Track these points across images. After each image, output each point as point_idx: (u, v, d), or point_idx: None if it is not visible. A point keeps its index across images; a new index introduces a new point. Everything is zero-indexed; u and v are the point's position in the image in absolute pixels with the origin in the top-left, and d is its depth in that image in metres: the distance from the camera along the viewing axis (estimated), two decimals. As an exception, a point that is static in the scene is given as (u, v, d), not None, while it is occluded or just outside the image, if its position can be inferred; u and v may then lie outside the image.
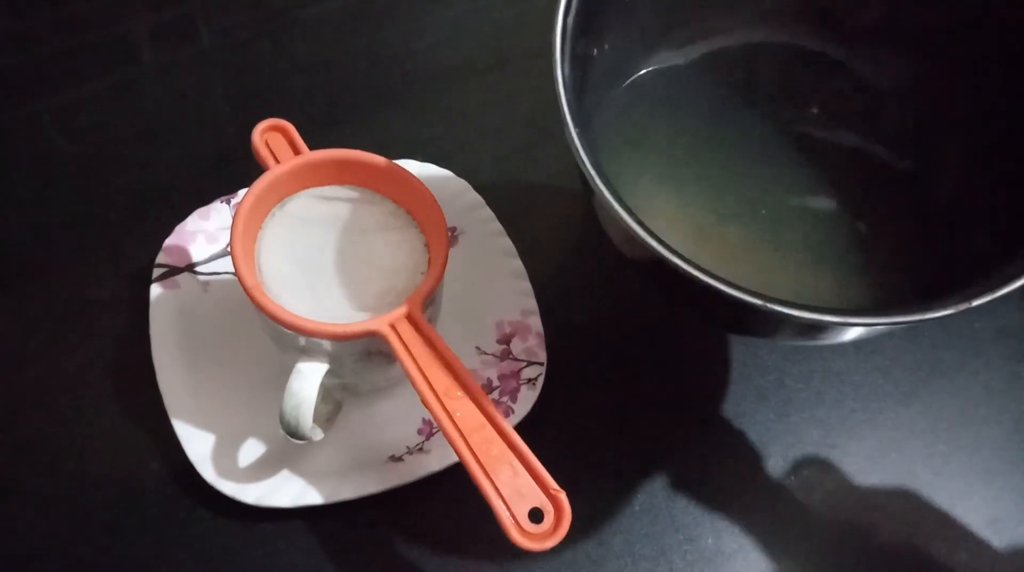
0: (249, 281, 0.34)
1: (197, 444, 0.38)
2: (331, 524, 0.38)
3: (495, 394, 0.41)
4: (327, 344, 0.35)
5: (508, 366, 0.42)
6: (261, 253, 0.36)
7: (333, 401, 0.39)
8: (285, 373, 0.39)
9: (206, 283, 0.43)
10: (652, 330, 0.45)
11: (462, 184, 0.47)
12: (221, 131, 0.52)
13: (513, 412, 0.40)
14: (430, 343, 0.33)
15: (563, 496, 0.31)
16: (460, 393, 0.32)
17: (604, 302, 0.46)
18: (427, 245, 0.38)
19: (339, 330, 0.33)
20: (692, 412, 0.43)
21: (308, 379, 0.35)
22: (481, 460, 0.31)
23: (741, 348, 0.45)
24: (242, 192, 0.45)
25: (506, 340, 0.43)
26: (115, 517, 0.38)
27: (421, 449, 0.40)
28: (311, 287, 0.36)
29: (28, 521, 0.38)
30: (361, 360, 0.37)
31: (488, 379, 0.42)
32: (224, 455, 0.38)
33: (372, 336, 0.33)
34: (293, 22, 0.57)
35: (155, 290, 0.42)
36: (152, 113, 0.53)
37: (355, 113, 0.52)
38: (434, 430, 0.40)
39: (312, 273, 0.36)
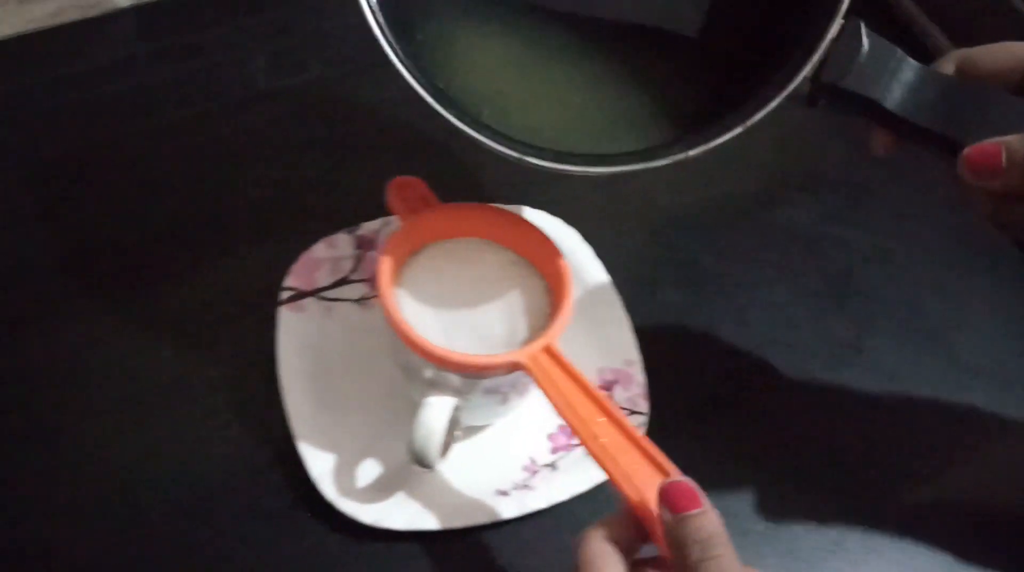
0: (400, 320, 0.36)
1: (319, 462, 0.40)
2: (438, 550, 0.40)
3: (597, 438, 0.43)
4: (455, 379, 0.38)
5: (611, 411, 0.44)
6: (399, 296, 0.39)
7: (451, 434, 0.41)
8: (406, 401, 0.41)
9: (329, 308, 0.46)
10: (753, 382, 0.47)
11: (572, 232, 0.49)
12: (330, 160, 0.55)
13: (615, 457, 0.42)
14: (569, 373, 0.35)
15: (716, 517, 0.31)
16: (602, 418, 0.34)
17: (705, 355, 0.47)
18: (548, 289, 0.40)
19: (485, 361, 0.36)
20: (793, 465, 0.44)
21: (438, 411, 0.37)
22: (635, 482, 0.31)
23: (854, 405, 0.46)
24: (366, 225, 0.48)
25: (607, 386, 0.45)
26: (236, 525, 0.40)
27: (527, 486, 0.41)
28: (444, 328, 0.38)
29: (152, 523, 0.40)
30: (481, 397, 0.39)
31: (590, 423, 0.44)
32: (344, 475, 0.40)
33: (515, 368, 0.36)
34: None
35: (282, 312, 0.44)
36: (266, 136, 0.56)
37: (454, 154, 0.54)
38: (538, 467, 0.42)
39: (444, 315, 0.39)
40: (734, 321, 0.49)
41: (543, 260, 0.40)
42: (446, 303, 0.39)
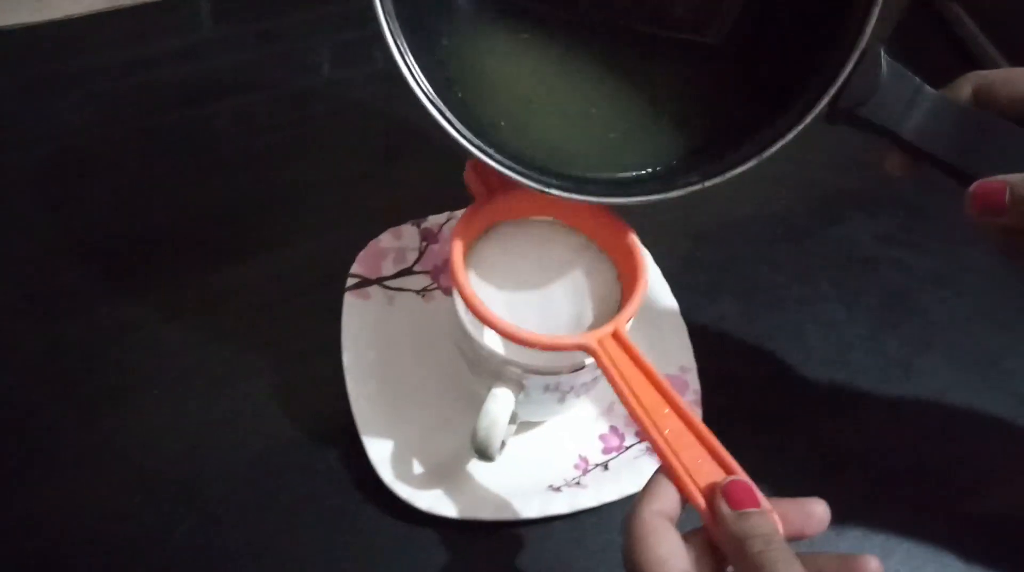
0: (473, 297, 0.36)
1: (378, 447, 0.41)
2: (489, 540, 0.41)
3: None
4: (519, 373, 0.38)
5: (662, 417, 0.44)
6: (471, 270, 0.39)
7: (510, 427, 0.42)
8: (465, 392, 0.42)
9: (392, 297, 0.47)
10: (803, 396, 0.47)
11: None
12: (392, 153, 0.56)
13: (666, 461, 0.43)
14: (636, 361, 0.34)
15: (776, 518, 0.30)
16: (667, 410, 0.32)
17: (757, 366, 0.48)
18: (618, 276, 0.40)
19: (553, 341, 0.35)
20: (840, 480, 0.45)
21: (502, 403, 0.37)
22: (693, 475, 0.31)
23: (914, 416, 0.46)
24: (432, 218, 0.49)
25: (661, 392, 0.45)
26: (293, 500, 0.41)
27: (578, 484, 0.42)
28: (510, 309, 0.39)
29: (211, 500, 0.41)
30: (541, 393, 0.40)
31: (642, 426, 0.44)
32: (402, 461, 0.41)
33: (581, 350, 0.35)
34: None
35: (348, 298, 0.46)
36: (329, 126, 0.57)
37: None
38: (590, 466, 0.43)
39: (510, 296, 0.39)
40: (788, 335, 0.49)
41: (614, 244, 0.40)
42: (513, 284, 0.39)
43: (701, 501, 0.30)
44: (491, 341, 0.40)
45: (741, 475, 0.31)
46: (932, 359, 0.49)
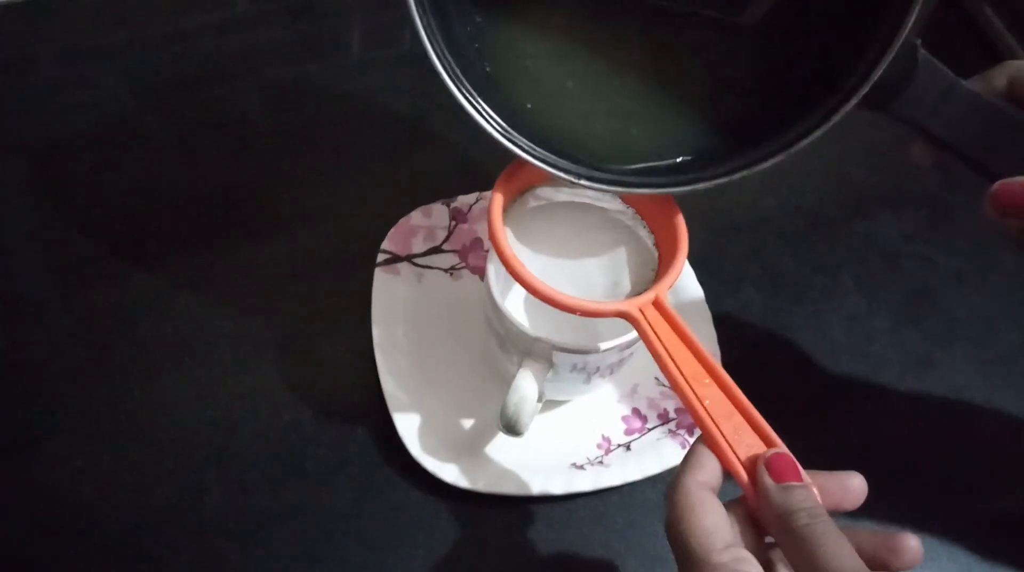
0: (513, 259, 0.35)
1: (406, 419, 0.42)
2: (513, 514, 0.42)
3: (671, 425, 0.44)
4: (549, 350, 0.39)
5: (685, 401, 0.45)
6: (507, 230, 0.37)
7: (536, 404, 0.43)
8: (492, 369, 0.43)
9: (421, 274, 0.47)
10: (825, 388, 0.48)
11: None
12: (420, 135, 0.57)
13: (688, 445, 0.43)
14: (678, 329, 0.33)
15: (816, 492, 0.29)
16: (708, 380, 0.32)
17: (780, 357, 0.48)
18: (656, 244, 0.39)
19: (593, 306, 0.34)
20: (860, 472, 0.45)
21: (532, 380, 0.38)
22: (734, 447, 0.30)
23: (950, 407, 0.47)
24: (461, 198, 0.49)
25: (685, 377, 0.46)
26: (321, 470, 0.42)
27: (601, 462, 0.43)
28: (546, 274, 0.37)
29: (242, 467, 0.42)
30: (568, 372, 0.40)
31: (664, 409, 0.45)
32: (429, 434, 0.42)
33: (622, 317, 0.34)
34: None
35: (379, 273, 0.46)
36: (360, 104, 0.58)
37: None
38: (612, 447, 0.44)
39: (544, 262, 0.38)
40: (811, 327, 0.50)
41: (652, 210, 0.39)
42: (549, 248, 0.38)
43: (743, 473, 0.29)
44: (521, 317, 0.40)
45: (783, 448, 0.30)
46: (953, 355, 0.50)
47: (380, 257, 0.47)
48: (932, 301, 0.52)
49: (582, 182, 0.35)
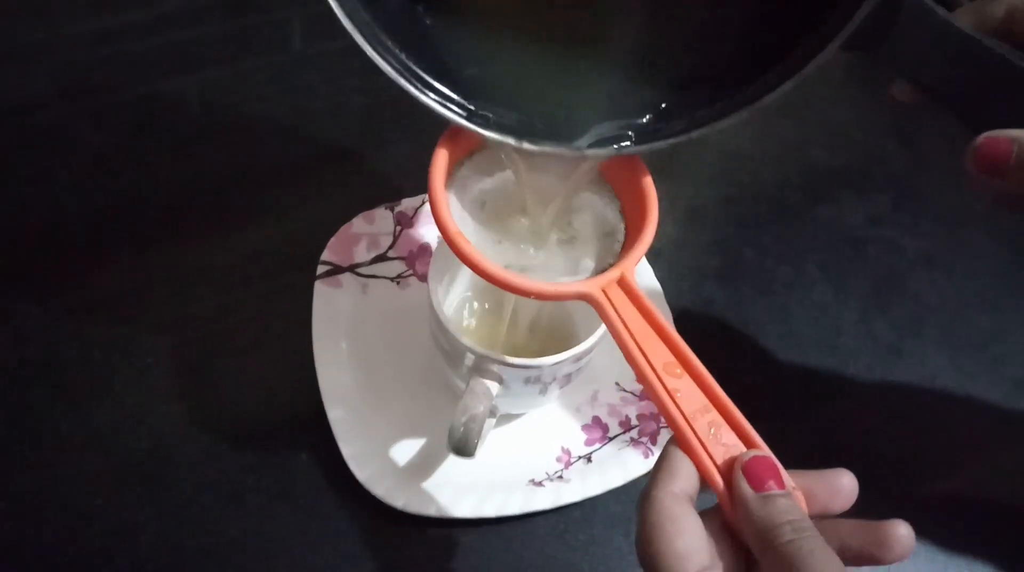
0: (451, 227, 0.30)
1: (352, 444, 0.40)
2: (469, 537, 0.39)
3: (634, 433, 0.42)
4: (496, 366, 0.36)
5: (648, 407, 0.43)
6: (451, 197, 0.33)
7: (489, 421, 0.41)
8: (443, 386, 0.41)
9: (365, 285, 0.45)
10: (792, 381, 0.46)
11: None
12: (368, 132, 0.54)
13: (652, 454, 0.41)
14: (645, 313, 0.29)
15: (801, 497, 0.26)
16: (680, 370, 0.28)
17: (745, 352, 0.47)
18: (622, 210, 0.35)
19: (551, 289, 0.30)
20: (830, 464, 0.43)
21: (481, 398, 0.36)
22: (708, 448, 0.27)
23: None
24: (406, 201, 0.47)
25: (646, 380, 0.44)
26: (263, 500, 0.40)
27: (561, 477, 0.41)
28: (498, 249, 0.34)
29: (179, 497, 0.39)
30: (521, 386, 0.38)
31: (626, 416, 0.43)
32: (376, 457, 0.40)
33: (582, 298, 0.30)
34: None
35: (319, 286, 0.44)
36: (302, 100, 0.55)
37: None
38: (572, 459, 0.42)
39: (497, 236, 0.34)
40: (775, 319, 0.48)
41: (618, 174, 0.34)
42: (501, 218, 0.34)
43: (719, 480, 0.26)
44: (467, 336, 0.37)
45: (763, 448, 0.27)
46: (923, 343, 0.48)
47: (320, 269, 0.44)
48: (901, 288, 0.50)
49: (524, 145, 0.31)
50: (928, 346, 0.48)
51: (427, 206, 0.47)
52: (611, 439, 0.42)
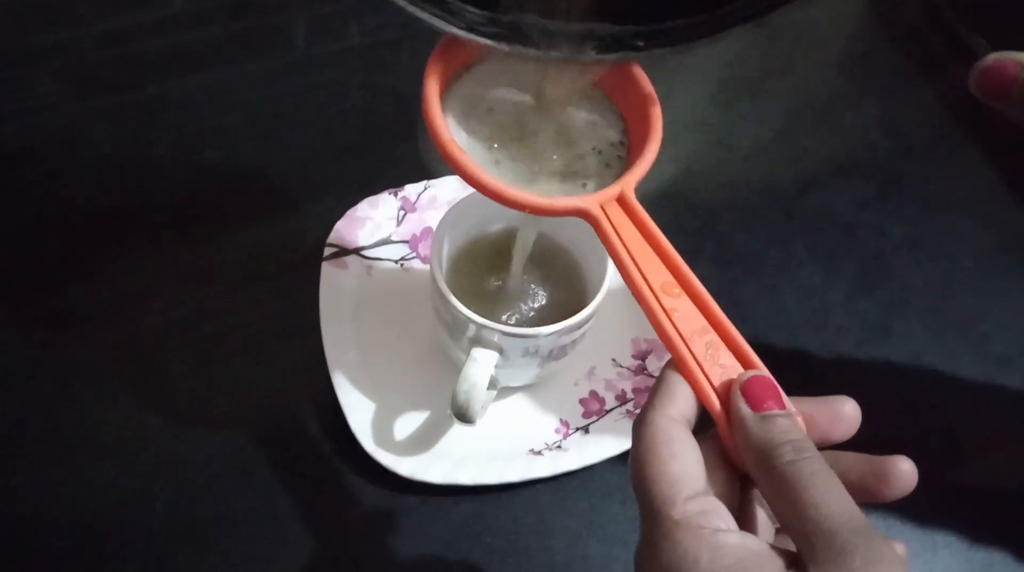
0: (444, 135, 0.29)
1: (358, 414, 0.41)
2: (471, 506, 0.41)
3: (629, 405, 0.44)
4: (498, 337, 0.38)
5: (642, 381, 0.45)
6: (447, 118, 0.31)
7: (489, 391, 0.42)
8: (445, 359, 0.42)
9: (370, 267, 0.46)
10: (782, 360, 0.47)
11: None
12: (370, 127, 0.56)
13: (647, 424, 0.43)
14: (645, 231, 0.28)
15: (801, 422, 0.26)
16: (678, 290, 0.27)
17: (738, 328, 0.48)
18: (625, 130, 0.33)
19: (545, 203, 0.29)
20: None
21: (482, 366, 0.37)
22: (705, 369, 0.26)
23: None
24: (409, 187, 0.49)
25: (641, 356, 0.45)
26: (274, 474, 0.41)
27: (559, 447, 0.42)
28: (495, 164, 0.32)
29: (194, 467, 0.41)
30: (520, 358, 0.40)
31: (622, 390, 0.45)
32: (382, 428, 0.41)
33: (579, 215, 0.29)
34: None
35: (326, 268, 0.45)
36: (306, 100, 0.56)
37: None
38: (571, 430, 0.43)
39: (495, 152, 0.32)
40: (766, 300, 0.49)
41: (618, 83, 0.32)
42: (498, 132, 0.32)
43: (715, 401, 0.25)
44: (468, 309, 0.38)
45: (763, 369, 0.26)
46: (909, 322, 0.50)
47: (327, 251, 0.46)
48: (887, 270, 0.52)
49: (530, 52, 0.27)
50: (914, 325, 0.50)
51: (429, 191, 0.48)
52: (608, 412, 0.44)
